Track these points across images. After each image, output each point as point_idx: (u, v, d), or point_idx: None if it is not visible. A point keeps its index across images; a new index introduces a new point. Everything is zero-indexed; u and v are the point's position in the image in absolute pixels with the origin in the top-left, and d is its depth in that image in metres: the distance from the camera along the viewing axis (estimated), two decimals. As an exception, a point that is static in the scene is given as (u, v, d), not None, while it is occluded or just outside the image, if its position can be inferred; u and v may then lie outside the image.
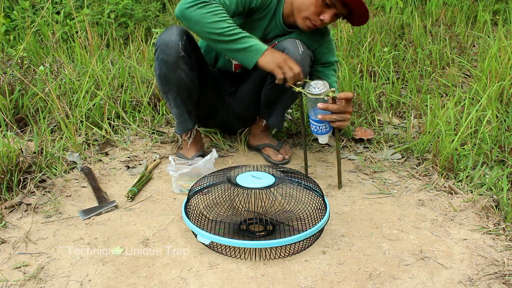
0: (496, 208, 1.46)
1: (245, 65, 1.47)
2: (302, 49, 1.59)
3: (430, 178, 1.68)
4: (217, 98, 1.83)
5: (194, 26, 1.46)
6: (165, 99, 1.71)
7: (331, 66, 1.74)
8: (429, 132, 1.87)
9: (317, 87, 1.45)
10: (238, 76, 1.81)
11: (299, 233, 1.24)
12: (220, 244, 1.25)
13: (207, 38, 1.46)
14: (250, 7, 1.57)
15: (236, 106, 1.85)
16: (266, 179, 1.33)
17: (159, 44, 1.56)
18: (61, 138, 1.88)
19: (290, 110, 2.21)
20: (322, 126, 1.51)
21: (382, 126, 2.08)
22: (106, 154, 1.87)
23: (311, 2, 1.51)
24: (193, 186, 1.42)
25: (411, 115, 2.15)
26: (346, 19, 1.58)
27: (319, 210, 1.33)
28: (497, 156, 1.72)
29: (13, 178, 1.55)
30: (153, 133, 2.03)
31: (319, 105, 1.45)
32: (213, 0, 1.45)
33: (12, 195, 1.53)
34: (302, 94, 1.49)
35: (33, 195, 1.55)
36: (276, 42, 1.66)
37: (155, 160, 1.82)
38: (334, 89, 1.44)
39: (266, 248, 1.25)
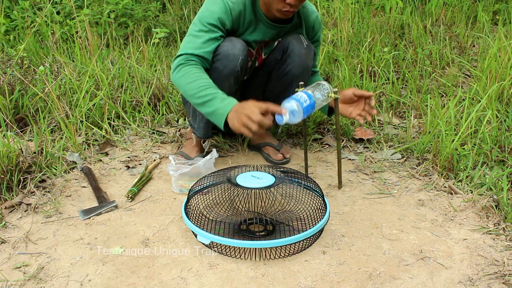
0: (496, 208, 1.46)
1: (218, 126, 1.40)
2: (306, 43, 1.64)
3: (430, 178, 1.68)
4: None
5: (180, 90, 1.53)
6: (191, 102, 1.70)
7: (317, 46, 1.80)
8: (429, 132, 1.87)
9: (323, 89, 1.44)
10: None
11: (299, 233, 1.24)
12: (220, 244, 1.25)
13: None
14: (227, 29, 1.54)
15: None
16: (266, 179, 1.33)
17: (220, 53, 1.52)
18: (61, 138, 1.88)
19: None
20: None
21: (382, 126, 2.08)
22: (106, 154, 1.87)
23: None
24: (193, 186, 1.42)
25: (411, 115, 2.15)
26: None
27: (319, 210, 1.33)
28: (497, 156, 1.72)
29: (13, 178, 1.55)
30: (153, 133, 2.03)
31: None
32: (191, 57, 1.46)
33: (12, 195, 1.53)
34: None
35: (33, 195, 1.55)
36: (280, 40, 1.68)
37: (155, 160, 1.82)
38: (336, 89, 1.44)
39: (266, 248, 1.25)
